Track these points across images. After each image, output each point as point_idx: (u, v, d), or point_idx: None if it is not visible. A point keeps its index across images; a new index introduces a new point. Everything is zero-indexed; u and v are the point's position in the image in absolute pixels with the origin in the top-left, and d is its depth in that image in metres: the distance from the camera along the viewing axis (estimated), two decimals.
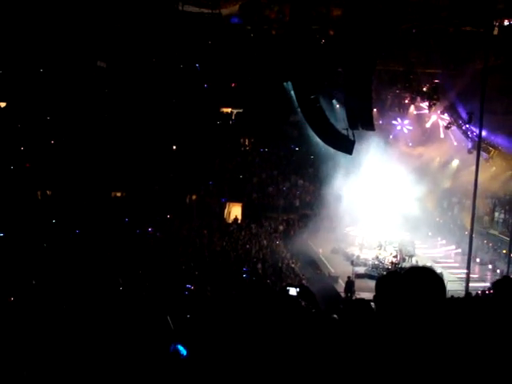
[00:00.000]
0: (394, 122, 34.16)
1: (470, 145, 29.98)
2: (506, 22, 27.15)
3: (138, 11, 32.50)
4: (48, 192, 31.10)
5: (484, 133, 24.07)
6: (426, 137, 32.97)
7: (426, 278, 2.90)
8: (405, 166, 30.08)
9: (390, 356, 3.08)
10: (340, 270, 26.01)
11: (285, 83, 33.23)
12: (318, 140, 29.05)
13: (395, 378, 2.98)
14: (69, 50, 33.02)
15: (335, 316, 4.14)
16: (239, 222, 32.51)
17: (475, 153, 21.52)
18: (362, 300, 4.21)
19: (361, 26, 22.06)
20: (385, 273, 5.91)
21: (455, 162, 32.78)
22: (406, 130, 34.10)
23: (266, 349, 3.79)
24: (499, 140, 29.37)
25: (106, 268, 19.03)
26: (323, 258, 28.31)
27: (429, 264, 26.53)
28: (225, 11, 34.58)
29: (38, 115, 33.59)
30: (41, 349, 5.09)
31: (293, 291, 8.56)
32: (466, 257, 21.49)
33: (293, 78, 28.65)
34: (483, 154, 27.15)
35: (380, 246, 28.22)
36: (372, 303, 3.94)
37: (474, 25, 25.07)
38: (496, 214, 30.97)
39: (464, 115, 29.68)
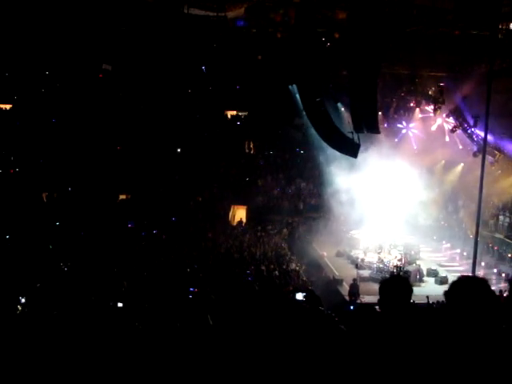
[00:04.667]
0: (399, 125, 34.12)
1: (475, 148, 29.90)
2: None
3: (144, 14, 32.58)
4: (54, 194, 31.21)
5: (489, 136, 23.99)
6: (431, 140, 32.89)
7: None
8: (410, 169, 30.04)
9: (396, 358, 3.08)
10: (344, 273, 25.98)
11: (290, 86, 33.23)
12: (323, 143, 29.03)
13: (402, 379, 2.99)
14: (74, 53, 33.15)
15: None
16: (244, 224, 32.51)
17: (480, 156, 21.44)
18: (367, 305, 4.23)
19: (366, 29, 22.02)
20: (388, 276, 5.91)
21: (460, 166, 32.72)
22: (411, 134, 34.06)
23: (271, 352, 3.79)
24: (505, 144, 29.30)
25: (111, 270, 19.07)
26: (328, 261, 28.27)
27: (434, 268, 26.55)
28: (230, 14, 34.61)
29: (44, 118, 33.73)
30: (45, 349, 5.11)
31: (299, 296, 8.55)
32: (470, 260, 21.39)
33: (298, 80, 28.65)
34: (489, 158, 27.07)
35: (381, 249, 28.15)
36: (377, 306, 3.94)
37: (479, 28, 25.02)
38: (501, 218, 30.86)
39: (469, 118, 29.61)
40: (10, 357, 4.93)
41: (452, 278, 25.50)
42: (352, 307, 20.62)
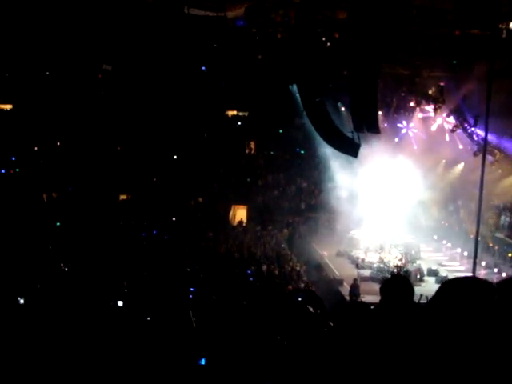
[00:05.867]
0: (399, 125, 34.09)
1: (475, 148, 29.89)
2: None
3: (144, 14, 32.58)
4: (54, 194, 31.23)
5: (490, 136, 23.96)
6: (432, 140, 32.88)
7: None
8: (410, 168, 30.03)
9: (397, 359, 3.08)
10: (345, 273, 25.98)
11: (290, 86, 33.20)
12: (323, 143, 29.02)
13: (401, 379, 2.99)
14: (75, 53, 33.14)
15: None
16: (244, 224, 32.52)
17: (481, 156, 21.43)
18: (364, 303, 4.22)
19: (366, 29, 22.01)
20: (389, 276, 5.93)
21: (460, 165, 32.72)
22: (411, 133, 34.04)
23: (274, 352, 3.80)
24: (505, 143, 29.29)
25: (111, 271, 19.08)
26: (328, 261, 28.27)
27: (434, 267, 26.56)
28: (230, 14, 34.59)
29: (44, 118, 33.73)
30: (46, 349, 5.11)
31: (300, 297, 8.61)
32: (471, 260, 21.39)
33: (298, 80, 28.63)
34: (489, 157, 27.05)
35: (382, 249, 28.15)
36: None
37: (479, 28, 25.03)
38: (502, 217, 30.85)
39: (469, 118, 29.60)
40: (11, 356, 4.94)
41: (452, 277, 25.49)
42: None
